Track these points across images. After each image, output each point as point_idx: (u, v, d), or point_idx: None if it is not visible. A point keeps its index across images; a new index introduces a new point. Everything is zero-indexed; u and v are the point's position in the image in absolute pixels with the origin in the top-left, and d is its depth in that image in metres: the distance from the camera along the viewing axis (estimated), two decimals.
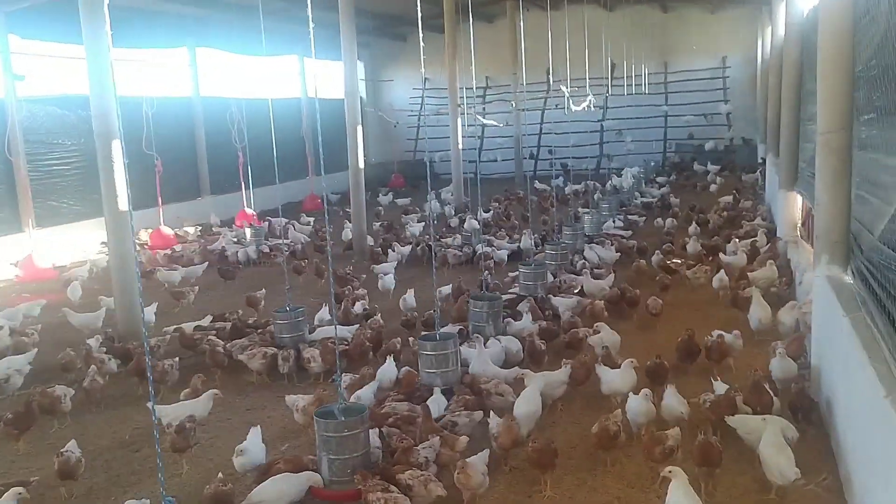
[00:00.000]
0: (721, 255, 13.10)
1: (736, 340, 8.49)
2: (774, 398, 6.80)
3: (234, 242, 18.48)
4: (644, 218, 18.85)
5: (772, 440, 5.78)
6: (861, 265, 6.32)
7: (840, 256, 7.20)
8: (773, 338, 8.82)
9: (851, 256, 6.98)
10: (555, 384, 7.66)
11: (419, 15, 8.17)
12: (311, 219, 21.83)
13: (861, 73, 6.75)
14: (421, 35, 8.41)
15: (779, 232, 14.38)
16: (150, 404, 4.93)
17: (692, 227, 14.93)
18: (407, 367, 8.28)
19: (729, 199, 20.30)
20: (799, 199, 13.29)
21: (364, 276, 13.60)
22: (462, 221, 19.20)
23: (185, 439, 6.78)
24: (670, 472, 5.33)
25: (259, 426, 6.78)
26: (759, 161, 26.56)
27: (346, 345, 9.19)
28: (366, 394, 7.64)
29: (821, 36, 7.39)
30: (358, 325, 10.26)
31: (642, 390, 6.88)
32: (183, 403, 7.62)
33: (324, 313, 10.83)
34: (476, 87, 27.17)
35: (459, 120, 23.76)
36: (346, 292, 11.92)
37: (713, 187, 24.00)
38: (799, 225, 13.54)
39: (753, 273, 11.51)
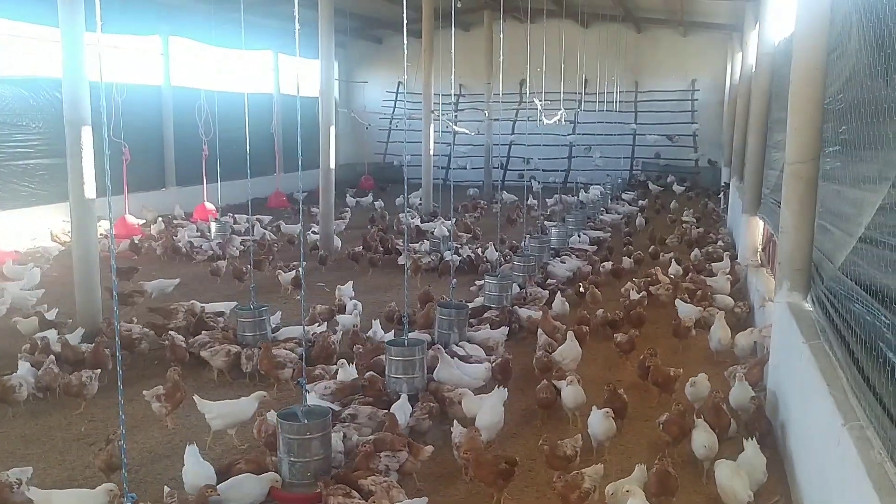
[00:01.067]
0: (707, 279, 13.17)
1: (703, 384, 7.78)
2: (732, 420, 6.96)
3: (198, 236, 18.29)
4: (609, 234, 19.02)
5: (726, 462, 5.91)
6: (821, 294, 6.47)
7: (801, 284, 7.37)
8: (732, 360, 9.00)
9: (812, 284, 7.15)
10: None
11: (405, 21, 8.16)
12: (269, 217, 21.43)
13: (828, 105, 6.93)
14: (406, 42, 8.40)
15: (739, 256, 14.63)
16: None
17: (672, 267, 14.64)
18: (371, 372, 8.25)
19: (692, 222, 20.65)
20: (761, 224, 13.54)
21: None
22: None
23: (117, 458, 5.95)
24: (628, 491, 5.42)
25: (195, 444, 6.15)
26: (723, 185, 27.01)
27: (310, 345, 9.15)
28: None
29: (794, 69, 7.57)
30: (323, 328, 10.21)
31: (603, 409, 6.96)
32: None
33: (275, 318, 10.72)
34: (451, 95, 27.23)
35: (432, 126, 23.78)
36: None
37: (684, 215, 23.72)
38: (759, 250, 13.79)
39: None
